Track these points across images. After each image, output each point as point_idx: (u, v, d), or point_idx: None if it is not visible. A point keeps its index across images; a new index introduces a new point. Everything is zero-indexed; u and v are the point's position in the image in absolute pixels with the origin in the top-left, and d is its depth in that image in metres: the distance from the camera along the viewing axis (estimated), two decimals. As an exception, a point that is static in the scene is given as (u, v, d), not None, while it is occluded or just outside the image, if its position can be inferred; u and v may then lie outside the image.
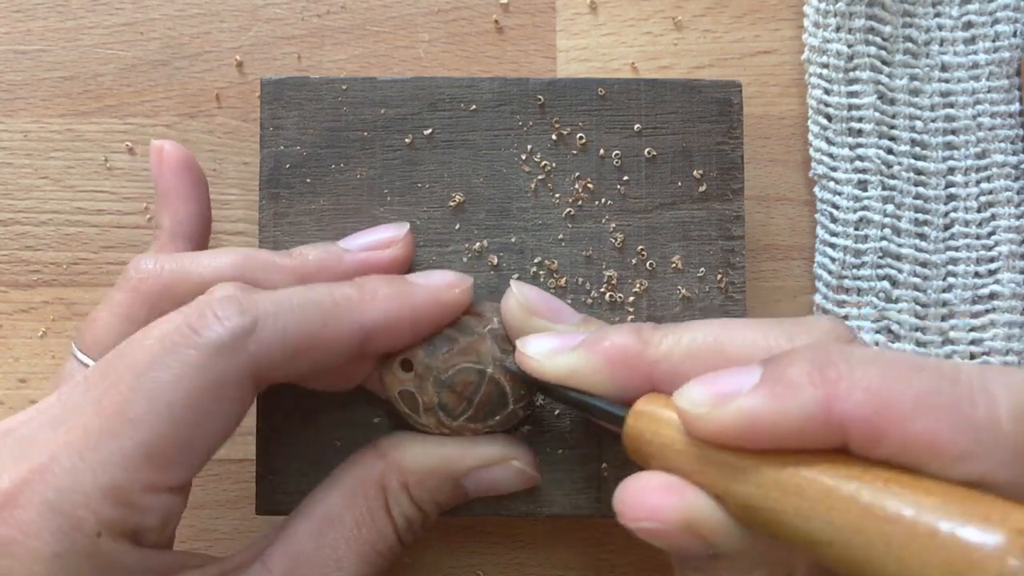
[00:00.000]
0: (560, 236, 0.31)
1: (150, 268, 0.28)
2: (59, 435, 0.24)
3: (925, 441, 0.19)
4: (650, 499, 0.22)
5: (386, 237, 0.29)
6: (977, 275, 0.35)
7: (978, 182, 0.35)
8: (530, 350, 0.26)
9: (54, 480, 0.23)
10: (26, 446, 0.24)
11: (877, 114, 0.35)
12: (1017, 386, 0.19)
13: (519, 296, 0.28)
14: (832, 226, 0.35)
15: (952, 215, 0.35)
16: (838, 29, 0.35)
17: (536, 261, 0.31)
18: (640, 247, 0.31)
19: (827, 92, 0.35)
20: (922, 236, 0.35)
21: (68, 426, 0.24)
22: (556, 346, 0.25)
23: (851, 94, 0.35)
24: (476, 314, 0.29)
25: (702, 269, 0.31)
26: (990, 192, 0.35)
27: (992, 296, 0.35)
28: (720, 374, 0.21)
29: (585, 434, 0.31)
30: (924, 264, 0.35)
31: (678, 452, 0.22)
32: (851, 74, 0.35)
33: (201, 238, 0.31)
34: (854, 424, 0.19)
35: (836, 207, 0.35)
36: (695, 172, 0.31)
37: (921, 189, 0.35)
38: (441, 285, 0.28)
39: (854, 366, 0.20)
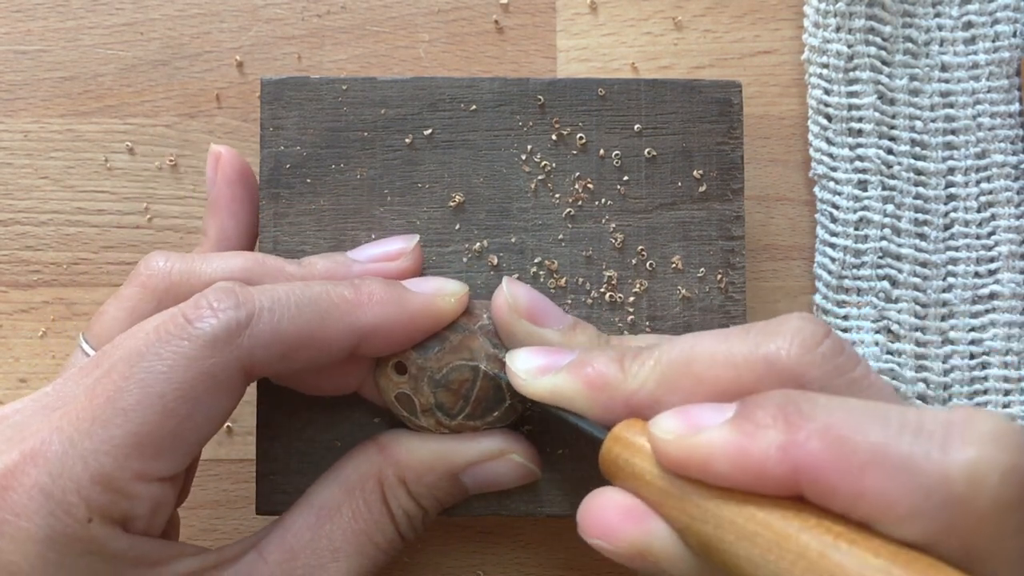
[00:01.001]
0: (560, 236, 0.31)
1: (160, 266, 0.28)
2: (52, 421, 0.24)
3: (874, 497, 0.18)
4: (609, 521, 0.23)
5: (395, 249, 0.30)
6: (977, 275, 0.35)
7: (978, 182, 0.35)
8: (517, 366, 0.26)
9: (46, 465, 0.23)
10: (19, 431, 0.24)
11: (877, 114, 0.35)
12: (982, 438, 0.18)
13: (508, 295, 0.28)
14: (832, 226, 0.35)
15: (952, 215, 0.35)
16: (838, 29, 0.35)
17: (536, 261, 0.31)
18: (640, 247, 0.31)
19: (827, 92, 0.35)
20: (922, 236, 0.35)
21: (61, 412, 0.24)
22: (542, 364, 0.26)
23: (851, 94, 0.35)
24: (466, 312, 0.29)
25: (702, 269, 0.31)
26: (990, 192, 0.35)
27: (992, 296, 0.35)
28: (695, 407, 0.22)
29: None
30: (924, 264, 0.35)
31: (647, 483, 0.22)
32: (851, 74, 0.35)
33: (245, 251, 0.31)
34: (807, 473, 0.19)
35: (836, 207, 0.35)
36: (695, 172, 0.31)
37: (921, 189, 0.35)
38: (437, 293, 0.28)
39: (817, 413, 0.20)
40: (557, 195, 0.31)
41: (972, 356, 0.34)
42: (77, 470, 0.23)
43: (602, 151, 0.31)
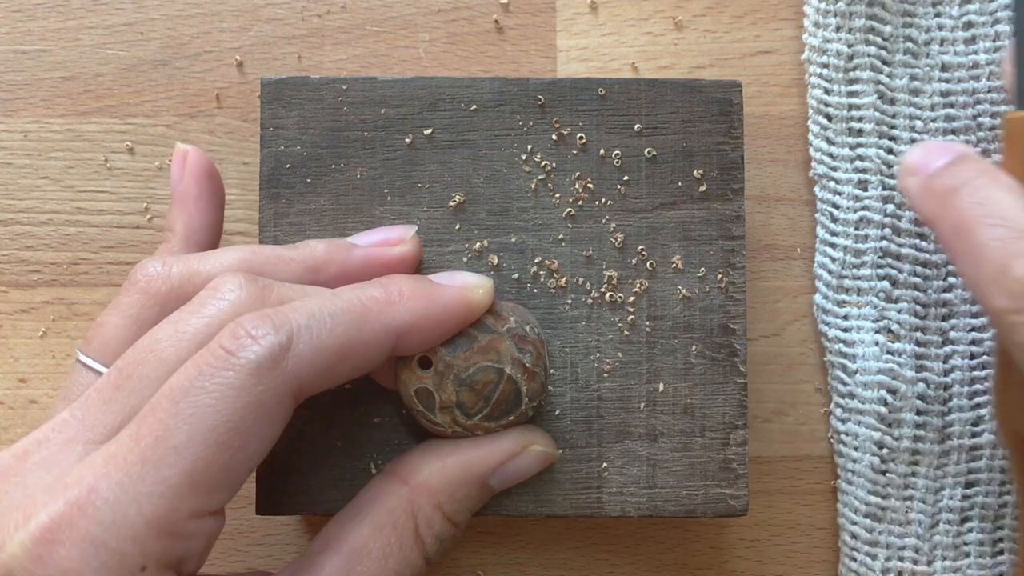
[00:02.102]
0: (560, 236, 0.31)
1: (158, 271, 0.28)
2: (96, 466, 0.23)
3: None
4: None
5: (394, 236, 0.30)
6: (977, 275, 0.35)
7: (978, 182, 0.35)
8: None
9: (96, 514, 0.22)
10: (57, 475, 0.23)
11: (877, 114, 0.35)
12: None
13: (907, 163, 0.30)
14: (832, 226, 0.35)
15: (952, 215, 0.35)
16: (838, 29, 0.35)
17: (536, 261, 0.31)
18: (640, 247, 0.31)
19: (827, 92, 0.35)
20: (922, 236, 0.35)
21: (104, 457, 0.23)
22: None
23: (851, 94, 0.35)
24: (494, 313, 0.28)
25: (702, 269, 0.31)
26: (990, 192, 0.35)
27: (992, 296, 0.35)
28: None
29: (585, 434, 0.31)
30: (924, 264, 0.35)
31: None
32: (851, 74, 0.35)
33: (212, 248, 0.31)
34: None
35: (836, 207, 0.35)
36: (695, 172, 0.31)
37: (921, 189, 0.35)
38: (466, 285, 0.28)
39: None
40: (557, 195, 0.31)
41: (972, 356, 0.34)
42: (131, 516, 0.22)
43: (602, 151, 0.31)
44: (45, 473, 0.23)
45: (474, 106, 0.31)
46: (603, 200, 0.31)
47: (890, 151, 0.35)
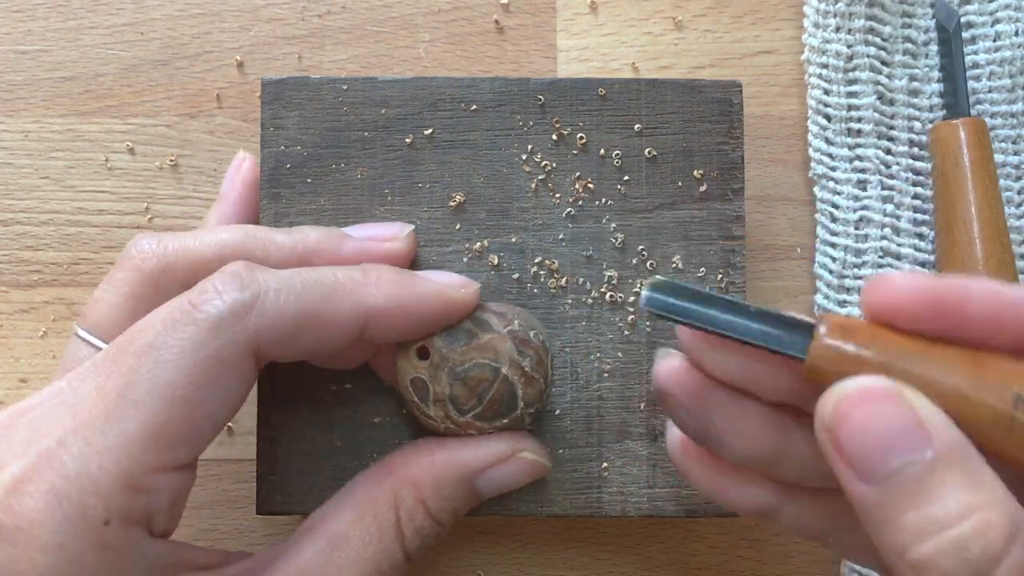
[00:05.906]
0: (560, 236, 0.31)
1: (152, 247, 0.28)
2: (65, 421, 0.24)
3: None
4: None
5: (389, 232, 0.30)
6: (977, 275, 0.35)
7: (978, 182, 0.35)
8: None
9: (61, 467, 0.23)
10: (35, 431, 0.24)
11: (876, 114, 0.35)
12: None
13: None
14: (832, 226, 0.35)
15: (952, 215, 0.35)
16: (838, 29, 0.35)
17: (536, 261, 0.31)
18: (641, 247, 0.31)
19: (827, 92, 0.35)
20: (921, 236, 0.35)
21: (74, 411, 0.24)
22: None
23: (850, 94, 0.35)
24: (499, 314, 0.28)
25: (702, 269, 0.31)
26: (990, 192, 0.35)
27: (992, 296, 0.35)
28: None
29: (585, 434, 0.31)
30: (924, 264, 0.35)
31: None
32: (850, 74, 0.35)
33: None
34: None
35: (836, 207, 0.35)
36: (695, 172, 0.31)
37: (919, 189, 0.35)
38: (449, 283, 0.28)
39: None
40: (558, 195, 0.31)
41: (972, 356, 0.34)
42: (93, 469, 0.23)
43: (602, 151, 0.31)
44: (31, 430, 0.24)
45: (474, 106, 0.31)
46: (603, 200, 0.31)
47: (889, 151, 0.35)
